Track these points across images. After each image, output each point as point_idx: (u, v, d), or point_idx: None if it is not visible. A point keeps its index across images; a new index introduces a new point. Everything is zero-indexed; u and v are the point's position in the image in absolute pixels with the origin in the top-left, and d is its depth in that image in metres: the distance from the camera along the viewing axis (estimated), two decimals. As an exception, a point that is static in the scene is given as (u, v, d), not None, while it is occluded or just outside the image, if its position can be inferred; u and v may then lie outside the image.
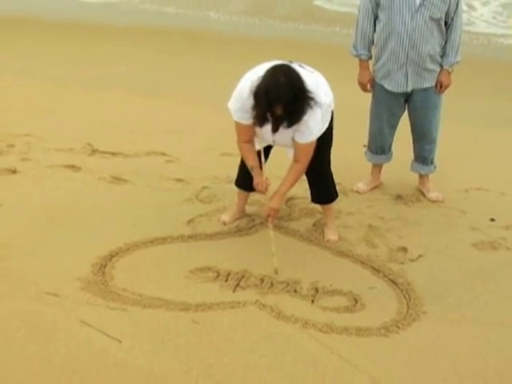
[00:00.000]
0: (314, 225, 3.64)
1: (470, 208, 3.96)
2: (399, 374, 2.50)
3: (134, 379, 2.42)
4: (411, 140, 4.06)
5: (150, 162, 4.49)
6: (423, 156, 4.04)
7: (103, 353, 2.55)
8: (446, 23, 3.68)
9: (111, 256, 3.24)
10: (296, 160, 3.16)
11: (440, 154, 4.11)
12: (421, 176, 4.16)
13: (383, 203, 4.01)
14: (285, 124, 2.90)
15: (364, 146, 4.21)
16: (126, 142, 4.82)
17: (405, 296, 3.02)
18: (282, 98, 2.76)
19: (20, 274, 3.07)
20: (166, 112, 5.68)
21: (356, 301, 2.97)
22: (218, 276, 3.12)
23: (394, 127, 4.01)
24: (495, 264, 3.35)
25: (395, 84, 3.77)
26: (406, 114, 3.97)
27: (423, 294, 3.03)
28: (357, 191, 4.09)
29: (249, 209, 3.80)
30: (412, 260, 3.35)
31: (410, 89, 3.76)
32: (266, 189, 3.24)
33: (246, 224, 3.64)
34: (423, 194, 4.12)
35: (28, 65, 7.11)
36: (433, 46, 3.67)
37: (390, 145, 4.11)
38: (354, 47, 3.83)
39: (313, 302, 2.95)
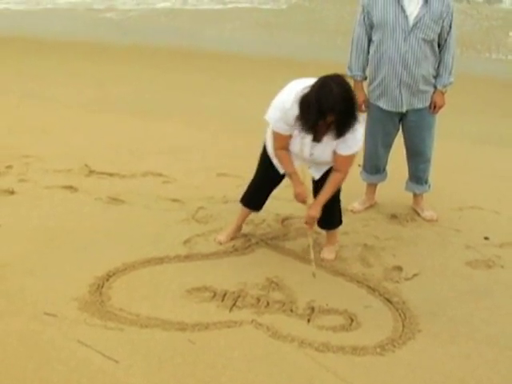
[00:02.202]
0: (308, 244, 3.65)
1: (464, 226, 3.99)
2: (395, 393, 2.51)
3: (132, 399, 2.42)
4: (406, 159, 4.10)
5: (147, 183, 4.50)
6: (418, 175, 4.08)
7: (101, 372, 2.55)
8: (439, 45, 3.74)
9: (108, 276, 3.25)
10: (337, 170, 3.16)
11: (434, 171, 4.14)
12: (415, 195, 4.19)
13: (378, 222, 4.03)
14: (334, 134, 2.91)
15: (359, 165, 4.25)
16: (123, 163, 4.82)
17: (400, 315, 3.04)
18: (335, 108, 2.78)
19: (18, 294, 3.08)
20: (162, 132, 5.68)
21: (352, 320, 2.98)
22: (214, 296, 3.13)
23: (388, 147, 4.05)
24: (489, 282, 3.38)
25: (390, 104, 3.81)
26: (400, 133, 4.02)
27: (418, 313, 3.04)
28: (352, 211, 4.12)
29: (245, 228, 3.81)
30: (407, 279, 3.36)
31: (404, 109, 3.81)
32: (305, 199, 3.24)
33: (243, 244, 3.65)
34: (418, 214, 4.14)
35: (29, 85, 7.14)
36: (426, 67, 3.73)
37: (385, 164, 4.15)
38: (349, 68, 3.89)
39: (309, 321, 2.96)
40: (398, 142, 4.05)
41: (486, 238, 3.83)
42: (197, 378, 2.55)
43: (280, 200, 4.16)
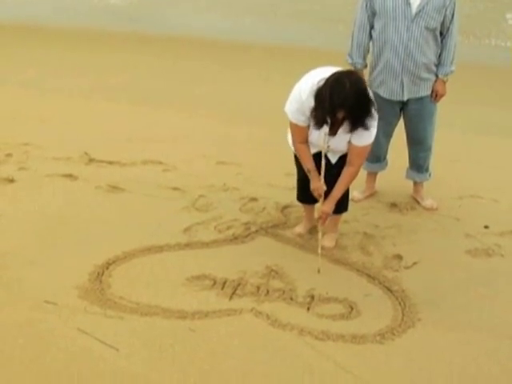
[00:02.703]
0: (309, 232, 3.66)
1: (464, 215, 3.98)
2: (395, 381, 2.52)
3: (132, 386, 2.43)
4: (406, 148, 4.09)
5: (147, 171, 4.50)
6: (418, 164, 4.07)
7: (101, 360, 2.56)
8: (441, 33, 3.72)
9: (108, 264, 3.25)
10: (350, 163, 3.18)
11: (434, 160, 4.13)
12: (415, 184, 4.18)
13: (378, 211, 4.03)
14: (347, 128, 2.92)
15: None
16: (123, 151, 4.81)
17: (400, 303, 3.04)
18: (346, 104, 2.79)
19: (18, 282, 3.08)
20: (162, 120, 5.67)
21: (352, 308, 2.98)
22: (214, 284, 3.13)
23: (389, 136, 4.03)
24: (489, 271, 3.38)
25: (391, 92, 3.79)
26: (401, 121, 4.00)
27: (418, 301, 3.04)
28: (352, 199, 4.10)
29: (244, 217, 3.81)
30: (407, 267, 3.36)
31: (405, 97, 3.79)
32: (322, 194, 3.25)
33: (242, 232, 3.65)
34: (418, 202, 4.14)
35: (28, 74, 7.11)
36: (428, 55, 3.70)
37: (385, 153, 4.13)
38: (350, 56, 3.86)
39: (309, 309, 2.97)
40: (398, 130, 4.04)
41: (486, 227, 3.82)
42: (197, 366, 2.55)
43: (280, 188, 4.19)
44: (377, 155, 4.08)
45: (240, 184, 4.29)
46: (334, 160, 3.28)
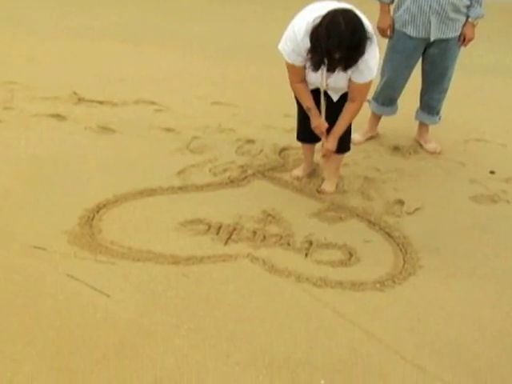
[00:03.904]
0: (308, 176, 3.60)
1: (470, 160, 3.93)
2: (394, 329, 2.50)
3: (123, 333, 2.40)
4: (412, 90, 3.99)
5: (139, 111, 4.43)
6: (431, 105, 3.99)
7: (91, 306, 2.53)
8: None
9: (99, 208, 3.20)
10: (352, 99, 3.12)
11: (440, 103, 4.04)
12: (420, 126, 4.11)
13: (380, 154, 3.98)
14: (341, 68, 2.85)
15: (368, 101, 4.13)
16: (114, 91, 4.74)
17: (401, 250, 3.01)
18: (341, 46, 2.71)
19: (5, 227, 3.03)
20: (155, 59, 5.59)
21: (351, 254, 2.96)
22: (209, 229, 3.09)
23: (407, 78, 3.92)
24: (494, 217, 3.34)
25: (418, 30, 3.67)
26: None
27: (420, 248, 3.01)
28: (352, 142, 4.02)
29: (240, 159, 3.76)
30: (409, 213, 3.33)
31: (432, 37, 3.67)
32: (324, 131, 3.22)
33: (239, 175, 3.60)
34: (421, 146, 4.09)
35: (13, 12, 6.92)
36: None
37: (399, 96, 4.05)
38: None
39: (307, 255, 2.94)
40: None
41: (492, 172, 3.78)
42: (190, 313, 2.53)
43: (278, 130, 4.15)
44: (391, 97, 4.01)
45: (236, 125, 4.24)
46: (335, 98, 3.21)
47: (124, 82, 4.98)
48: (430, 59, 3.80)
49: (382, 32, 3.81)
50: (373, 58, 2.93)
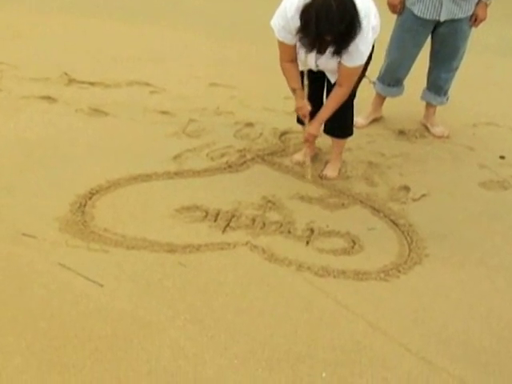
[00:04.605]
0: (310, 161, 3.58)
1: (479, 144, 3.92)
2: (399, 320, 2.50)
3: (117, 324, 2.40)
4: (419, 70, 3.96)
5: (133, 93, 4.42)
6: (438, 85, 3.97)
7: (84, 296, 2.53)
8: None
9: (91, 194, 3.19)
10: (339, 84, 3.12)
11: (449, 84, 4.03)
12: (427, 108, 4.10)
13: (384, 139, 3.97)
14: (332, 50, 2.86)
15: (373, 82, 4.12)
16: (107, 71, 4.72)
17: (406, 238, 3.01)
18: (332, 30, 2.71)
19: (-7, 213, 3.02)
20: (150, 38, 5.56)
21: (354, 242, 2.95)
22: (206, 215, 3.09)
23: (414, 59, 3.91)
24: (504, 204, 3.33)
25: (427, 11, 3.64)
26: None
27: (426, 236, 3.01)
28: (355, 125, 4.01)
29: (239, 143, 3.75)
30: (414, 199, 3.32)
31: (442, 18, 3.64)
32: (307, 114, 3.23)
33: (237, 160, 3.59)
34: (427, 129, 4.07)
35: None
36: None
37: (405, 77, 4.03)
38: None
39: (308, 243, 2.93)
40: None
41: (502, 157, 3.77)
42: (187, 303, 2.53)
43: (278, 112, 4.14)
44: (397, 78, 3.99)
45: (235, 107, 4.22)
46: (333, 79, 3.21)
47: (117, 61, 4.96)
48: (440, 39, 3.78)
49: (391, 8, 3.79)
50: (364, 43, 2.91)
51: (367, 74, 3.65)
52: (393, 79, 3.99)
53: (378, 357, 2.32)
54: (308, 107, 3.21)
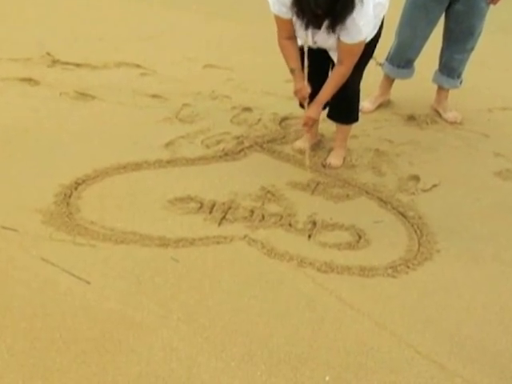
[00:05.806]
0: (312, 149, 3.59)
1: (494, 131, 3.93)
2: (408, 319, 2.51)
3: (105, 324, 2.41)
4: (431, 53, 3.98)
5: (122, 75, 4.43)
6: (451, 66, 3.97)
7: (69, 295, 2.53)
8: None
9: (77, 184, 3.20)
10: (340, 61, 3.12)
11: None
12: (439, 92, 4.10)
13: (393, 124, 3.98)
14: (327, 26, 2.87)
15: (380, 64, 4.14)
16: (94, 52, 4.73)
17: (416, 231, 3.01)
18: (323, 6, 2.72)
19: (-29, 205, 3.03)
20: (140, 16, 5.57)
21: (360, 236, 2.96)
22: (201, 207, 3.09)
23: (426, 38, 3.92)
24: (520, 196, 3.35)
25: None
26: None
27: (437, 230, 3.02)
28: (361, 110, 4.01)
29: (236, 130, 3.75)
30: (425, 190, 3.33)
31: None
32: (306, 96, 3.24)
33: (234, 147, 3.60)
34: (439, 115, 4.08)
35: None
36: None
37: (416, 58, 4.03)
38: None
39: (310, 237, 2.94)
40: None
41: (519, 145, 3.78)
42: (180, 302, 2.53)
43: (278, 97, 4.15)
44: (408, 58, 4.00)
45: (231, 91, 4.24)
46: (335, 58, 3.20)
47: (104, 41, 4.98)
48: (454, 16, 3.77)
49: None
50: (362, 17, 2.91)
51: (374, 55, 3.66)
52: (403, 60, 3.99)
53: (386, 359, 2.32)
54: (308, 89, 3.21)
